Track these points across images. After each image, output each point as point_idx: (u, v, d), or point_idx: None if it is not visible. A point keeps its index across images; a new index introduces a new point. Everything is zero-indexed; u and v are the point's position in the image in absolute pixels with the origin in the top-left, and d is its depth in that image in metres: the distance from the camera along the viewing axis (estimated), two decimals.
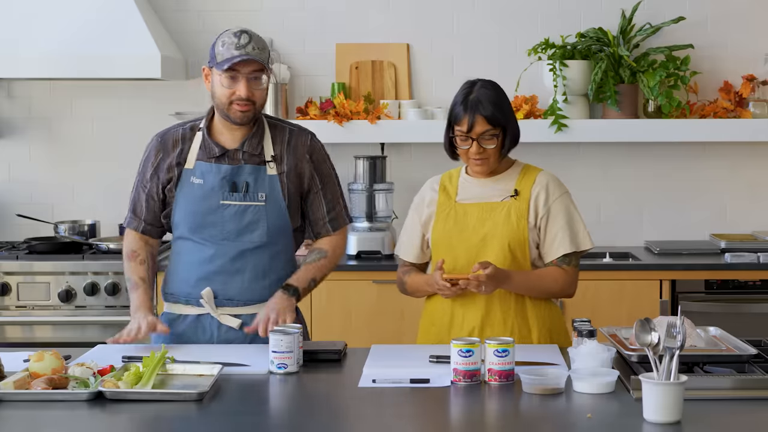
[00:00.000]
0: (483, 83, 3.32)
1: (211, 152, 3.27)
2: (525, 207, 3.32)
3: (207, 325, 3.29)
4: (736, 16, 5.29)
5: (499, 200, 3.33)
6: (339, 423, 2.57)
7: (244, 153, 3.26)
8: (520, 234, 3.29)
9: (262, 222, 3.26)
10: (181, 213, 3.28)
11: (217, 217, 3.25)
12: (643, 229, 5.37)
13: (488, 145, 3.27)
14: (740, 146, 5.31)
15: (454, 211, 3.35)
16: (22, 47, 4.88)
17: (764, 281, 4.78)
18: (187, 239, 3.30)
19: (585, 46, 5.14)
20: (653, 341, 2.51)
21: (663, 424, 2.41)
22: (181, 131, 3.32)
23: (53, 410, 2.58)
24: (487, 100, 3.26)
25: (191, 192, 3.27)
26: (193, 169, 3.27)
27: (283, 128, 3.34)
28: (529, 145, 5.28)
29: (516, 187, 3.35)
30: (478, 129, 3.25)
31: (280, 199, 3.28)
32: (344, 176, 5.30)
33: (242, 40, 3.15)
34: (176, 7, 5.32)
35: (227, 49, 3.15)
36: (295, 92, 5.35)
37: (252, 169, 3.26)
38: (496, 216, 3.31)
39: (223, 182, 3.25)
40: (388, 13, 5.33)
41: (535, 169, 3.42)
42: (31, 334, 4.80)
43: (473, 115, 3.24)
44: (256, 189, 3.26)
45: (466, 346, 2.77)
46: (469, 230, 3.31)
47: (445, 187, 3.41)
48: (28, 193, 5.39)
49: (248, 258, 3.27)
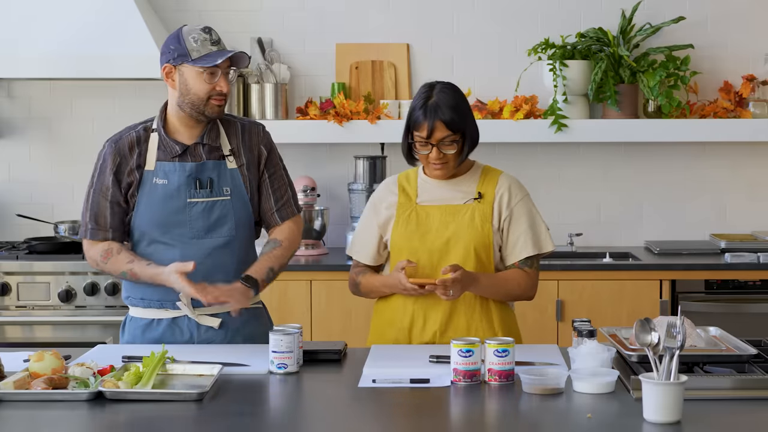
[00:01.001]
0: (442, 87, 3.24)
1: (171, 151, 3.25)
2: (489, 210, 3.28)
3: (185, 327, 3.27)
4: (736, 16, 5.29)
5: (462, 203, 3.30)
6: (339, 423, 2.56)
7: (205, 146, 3.26)
8: (485, 237, 3.26)
9: (229, 216, 3.26)
10: (145, 216, 3.25)
11: (185, 215, 3.24)
12: (643, 229, 5.36)
13: (448, 150, 3.22)
14: (740, 146, 5.30)
15: (415, 213, 3.30)
16: (22, 47, 4.88)
17: (764, 281, 4.78)
18: (152, 242, 3.26)
19: (585, 46, 5.14)
20: (653, 341, 2.50)
21: (663, 424, 2.41)
22: (135, 134, 3.29)
23: (53, 410, 2.58)
24: (446, 105, 3.19)
25: (155, 193, 3.24)
26: (155, 170, 3.24)
27: (234, 122, 3.35)
28: (529, 145, 5.31)
29: (479, 189, 3.31)
30: (438, 135, 3.19)
31: (244, 192, 3.29)
32: (344, 176, 5.32)
33: (214, 36, 3.21)
34: (176, 7, 5.32)
35: (203, 45, 3.17)
36: (295, 92, 5.35)
37: (214, 165, 3.26)
38: (460, 219, 3.27)
39: (189, 180, 3.23)
40: (388, 13, 5.33)
41: (495, 171, 3.38)
42: (31, 334, 4.80)
43: (433, 121, 3.17)
44: (220, 184, 3.26)
45: (466, 346, 2.76)
46: (432, 233, 3.27)
47: (404, 188, 3.35)
48: (28, 193, 5.39)
49: (220, 255, 3.26)
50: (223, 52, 3.19)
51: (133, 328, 3.32)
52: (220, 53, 3.18)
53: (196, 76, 3.19)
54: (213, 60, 3.16)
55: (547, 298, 4.75)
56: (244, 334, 3.30)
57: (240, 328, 3.30)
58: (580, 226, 5.31)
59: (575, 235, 5.21)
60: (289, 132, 5.12)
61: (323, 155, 5.35)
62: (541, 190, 5.33)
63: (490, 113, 5.15)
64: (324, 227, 5.13)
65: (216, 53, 3.18)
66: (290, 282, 4.78)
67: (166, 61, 3.22)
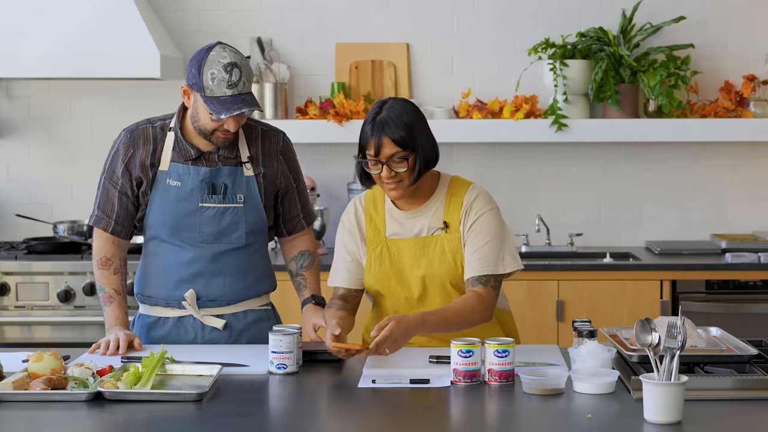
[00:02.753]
0: (393, 102, 3.07)
1: (186, 154, 3.23)
2: (458, 239, 3.13)
3: (190, 327, 3.28)
4: (736, 16, 5.29)
5: (430, 234, 3.15)
6: (339, 423, 2.56)
7: (220, 156, 3.24)
8: (459, 270, 3.12)
9: (240, 224, 3.26)
10: (157, 215, 3.25)
11: (196, 219, 3.23)
12: (643, 229, 5.36)
13: (398, 168, 3.03)
14: (741, 146, 5.30)
15: (386, 249, 3.17)
16: (21, 47, 4.87)
17: (765, 281, 4.78)
18: (163, 241, 3.27)
19: (585, 45, 5.13)
20: (654, 341, 2.50)
21: (663, 424, 2.41)
22: (152, 129, 3.26)
23: (52, 411, 2.58)
24: (394, 121, 3.02)
25: (167, 194, 3.23)
26: (169, 171, 3.23)
27: (255, 128, 3.32)
28: (530, 145, 5.31)
29: (444, 218, 3.14)
30: (387, 151, 3.01)
31: (258, 199, 3.28)
32: (344, 176, 5.32)
33: (234, 77, 3.07)
34: (175, 7, 5.31)
35: (218, 86, 3.07)
36: (295, 92, 5.34)
37: (230, 171, 3.25)
38: (431, 253, 3.13)
39: (203, 185, 3.22)
40: (387, 13, 5.33)
41: (461, 187, 3.18)
42: (30, 335, 4.80)
43: (379, 137, 3.01)
44: (234, 191, 3.25)
45: (466, 346, 2.76)
46: (405, 272, 3.14)
47: (371, 218, 3.21)
48: (27, 193, 5.39)
49: (228, 259, 3.27)
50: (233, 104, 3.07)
51: (140, 326, 3.33)
52: (229, 105, 3.06)
53: (205, 111, 3.12)
54: (219, 112, 3.06)
55: (548, 299, 4.75)
56: (249, 336, 3.31)
57: (244, 330, 3.31)
58: (580, 226, 5.31)
59: (575, 235, 5.21)
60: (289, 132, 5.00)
61: (323, 155, 5.35)
62: (541, 190, 5.34)
63: (490, 113, 5.15)
64: (324, 227, 5.12)
65: (226, 103, 3.07)
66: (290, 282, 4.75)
67: (186, 81, 3.16)
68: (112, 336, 3.14)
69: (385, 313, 3.23)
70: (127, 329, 3.21)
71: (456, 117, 5.21)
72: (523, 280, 4.66)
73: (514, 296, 4.34)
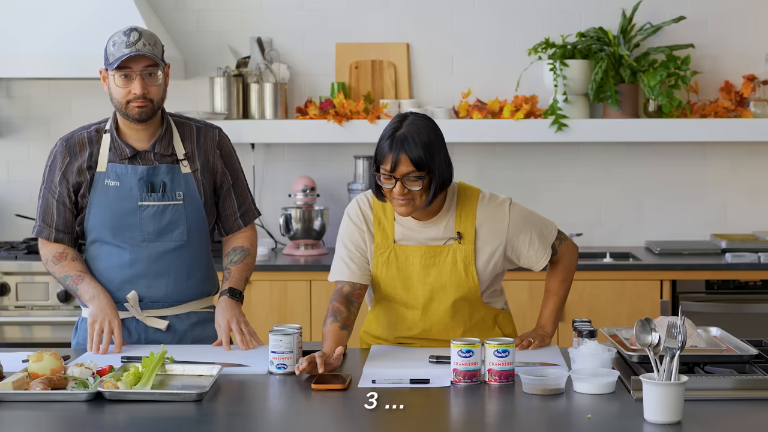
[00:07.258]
0: (414, 118, 3.04)
1: (122, 153, 3.23)
2: (471, 250, 3.11)
3: (133, 329, 3.27)
4: (736, 16, 5.29)
5: (442, 243, 3.12)
6: (338, 423, 2.56)
7: (156, 154, 3.24)
8: (470, 282, 3.12)
9: (181, 221, 3.25)
10: (96, 217, 3.24)
11: (136, 218, 3.22)
12: (643, 229, 5.36)
13: (412, 186, 2.98)
14: (741, 146, 5.30)
15: (394, 254, 3.13)
16: (21, 47, 4.87)
17: (765, 281, 4.77)
18: (104, 243, 3.26)
19: (585, 45, 5.13)
20: (654, 341, 2.50)
21: (664, 424, 2.41)
22: (87, 134, 3.27)
23: (52, 411, 2.58)
24: (414, 139, 2.97)
25: (107, 195, 3.23)
26: (106, 171, 3.23)
27: (190, 125, 3.32)
28: (530, 145, 5.31)
29: (458, 229, 3.11)
30: (403, 169, 2.97)
31: (197, 196, 3.27)
32: (344, 176, 5.32)
33: (132, 38, 3.11)
34: (175, 7, 5.31)
35: (118, 48, 3.10)
36: (295, 92, 5.34)
37: (167, 169, 3.24)
38: (441, 262, 3.11)
39: (141, 183, 3.22)
40: (388, 13, 5.33)
41: (471, 197, 3.15)
42: (30, 335, 4.80)
43: (397, 154, 2.96)
44: (173, 188, 3.24)
45: (466, 346, 2.76)
46: (412, 279, 3.12)
47: (380, 220, 3.15)
48: (27, 192, 5.38)
49: (170, 259, 3.25)
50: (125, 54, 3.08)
51: (83, 330, 3.30)
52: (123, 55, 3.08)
53: (114, 81, 3.14)
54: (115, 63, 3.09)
55: None
56: (193, 337, 3.30)
57: (188, 331, 3.30)
58: (580, 226, 5.31)
59: (576, 235, 5.20)
60: (289, 132, 5.12)
61: (323, 155, 5.35)
62: (541, 190, 5.33)
63: (490, 113, 5.15)
64: (324, 227, 5.12)
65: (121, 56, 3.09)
66: (290, 282, 4.77)
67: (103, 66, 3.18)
68: (104, 319, 3.14)
69: (385, 319, 3.22)
70: (108, 297, 3.19)
71: (456, 117, 5.21)
72: (523, 280, 4.66)
73: (514, 296, 4.34)
